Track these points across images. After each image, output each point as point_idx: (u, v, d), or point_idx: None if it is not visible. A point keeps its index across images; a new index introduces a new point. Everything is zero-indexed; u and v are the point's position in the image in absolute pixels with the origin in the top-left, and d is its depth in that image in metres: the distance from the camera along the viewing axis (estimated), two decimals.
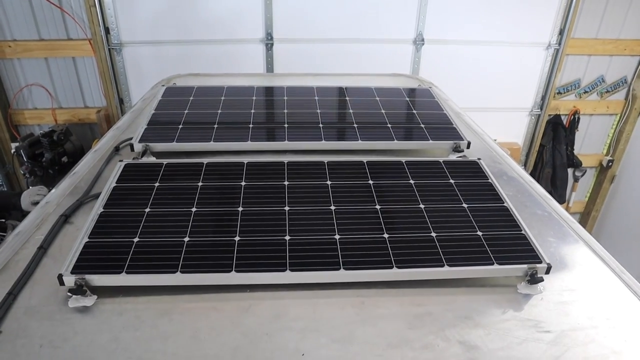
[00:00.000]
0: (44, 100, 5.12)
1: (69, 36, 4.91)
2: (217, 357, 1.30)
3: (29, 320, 1.41)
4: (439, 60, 5.13)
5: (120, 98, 4.99)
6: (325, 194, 1.85)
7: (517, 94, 5.56)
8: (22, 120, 5.12)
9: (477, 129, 2.74)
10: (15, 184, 5.16)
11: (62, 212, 1.83)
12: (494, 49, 5.22)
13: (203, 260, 1.52)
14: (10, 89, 5.06)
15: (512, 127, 5.73)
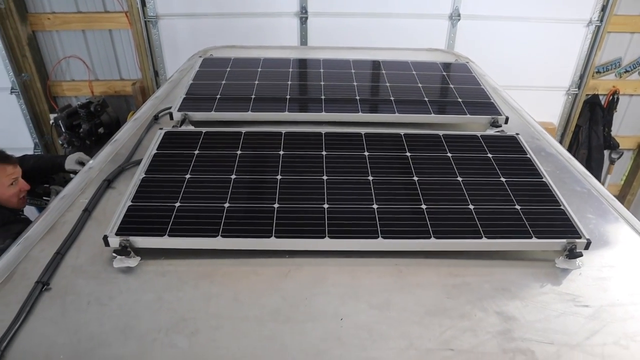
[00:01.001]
0: (81, 72, 5.20)
1: (106, 9, 4.96)
2: (258, 319, 1.33)
3: (76, 278, 1.46)
4: (475, 36, 5.03)
5: (156, 70, 5.04)
6: (363, 164, 1.85)
7: (554, 73, 5.42)
8: (60, 92, 5.22)
9: (515, 105, 2.69)
10: (53, 154, 5.27)
11: (104, 177, 1.87)
12: (532, 25, 5.09)
13: (243, 225, 1.54)
14: (49, 61, 5.15)
15: (548, 106, 5.60)
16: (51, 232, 1.63)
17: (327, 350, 1.25)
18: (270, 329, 1.30)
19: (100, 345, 1.26)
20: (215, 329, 1.30)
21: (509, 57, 5.16)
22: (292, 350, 1.25)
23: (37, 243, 1.59)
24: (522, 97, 3.21)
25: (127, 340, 1.27)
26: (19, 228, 2.55)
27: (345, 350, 1.25)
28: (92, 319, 1.33)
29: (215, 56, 2.91)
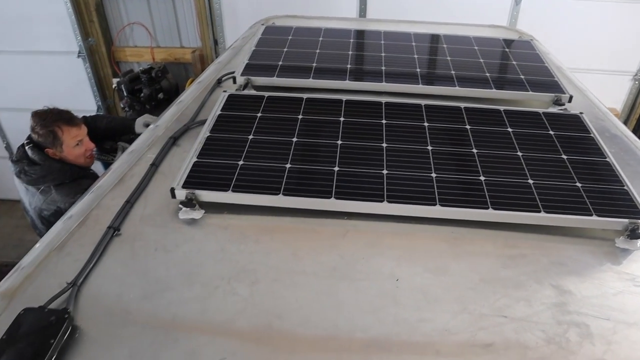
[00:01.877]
0: (143, 38, 5.33)
1: None
2: (315, 274, 1.37)
3: (144, 226, 1.53)
4: (538, 14, 4.87)
5: (215, 39, 5.12)
6: (422, 134, 1.86)
7: (620, 56, 5.20)
8: (123, 57, 5.38)
9: (579, 84, 2.62)
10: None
11: (170, 135, 1.95)
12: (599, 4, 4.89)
13: (304, 185, 1.58)
14: (114, 27, 5.30)
15: (612, 91, 5.39)
16: (121, 184, 1.72)
17: (382, 308, 1.29)
18: (327, 284, 1.34)
19: (167, 289, 1.33)
20: (275, 280, 1.35)
21: (574, 38, 4.98)
22: (348, 306, 1.29)
23: (108, 192, 1.68)
24: (584, 80, 3.12)
25: (191, 285, 1.34)
26: (88, 183, 2.68)
27: (400, 309, 1.28)
28: (159, 264, 1.40)
29: (277, 24, 2.94)
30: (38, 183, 2.64)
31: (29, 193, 2.70)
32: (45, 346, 1.17)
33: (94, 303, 1.31)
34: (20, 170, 2.63)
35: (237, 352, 1.18)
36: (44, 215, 2.67)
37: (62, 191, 2.62)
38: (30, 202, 2.71)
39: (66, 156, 2.71)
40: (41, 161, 2.63)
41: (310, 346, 1.20)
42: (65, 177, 2.66)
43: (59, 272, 1.40)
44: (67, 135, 2.70)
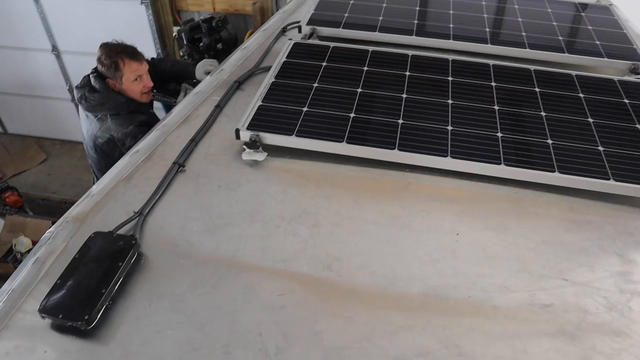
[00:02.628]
0: None
1: None
2: (376, 222, 1.38)
3: (208, 164, 1.57)
4: None
5: None
6: (489, 94, 1.81)
7: None
8: (185, 6, 5.40)
9: None
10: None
11: (235, 79, 1.96)
12: None
13: (367, 135, 1.57)
14: None
15: None
16: (186, 123, 1.75)
17: (441, 260, 1.28)
18: (387, 233, 1.35)
19: (229, 224, 1.36)
20: (335, 225, 1.36)
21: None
22: (408, 255, 1.29)
23: (173, 130, 1.72)
24: None
25: (253, 222, 1.37)
26: (142, 118, 2.75)
27: (459, 262, 1.28)
28: (222, 200, 1.43)
29: None
30: (96, 110, 2.72)
31: (87, 120, 2.79)
32: (114, 268, 1.23)
33: (158, 233, 1.36)
34: (82, 96, 2.72)
35: (295, 290, 1.21)
36: (98, 143, 2.75)
37: (117, 121, 2.70)
38: (87, 130, 2.81)
39: (124, 89, 2.78)
40: (101, 89, 2.71)
41: (368, 290, 1.21)
42: (121, 108, 2.74)
43: (126, 201, 1.45)
44: (128, 68, 2.76)
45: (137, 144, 1.66)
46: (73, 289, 1.19)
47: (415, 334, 1.12)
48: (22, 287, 1.24)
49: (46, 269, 1.29)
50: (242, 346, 1.10)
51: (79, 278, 1.21)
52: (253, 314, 1.15)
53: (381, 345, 1.10)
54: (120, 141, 2.67)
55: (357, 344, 1.10)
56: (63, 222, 1.41)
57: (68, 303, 1.16)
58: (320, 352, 1.08)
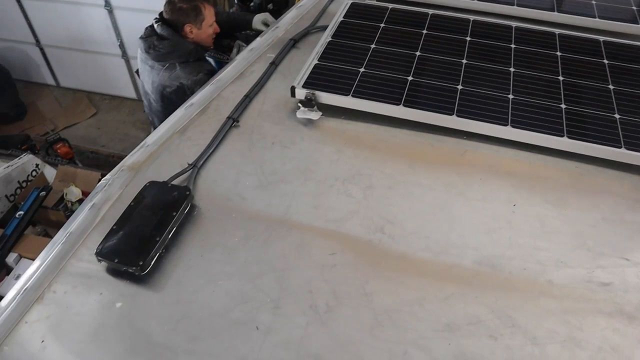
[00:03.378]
0: None
1: None
2: (430, 187, 1.35)
3: (262, 121, 1.56)
4: None
5: None
6: (554, 63, 1.73)
7: None
8: None
9: None
10: None
11: (290, 37, 1.93)
12: None
13: (425, 99, 1.53)
14: None
15: None
16: (240, 78, 1.74)
17: (496, 230, 1.25)
18: (441, 199, 1.32)
19: (282, 181, 1.36)
20: (389, 187, 1.34)
21: None
22: (462, 222, 1.26)
23: (228, 85, 1.71)
24: None
25: (306, 180, 1.36)
26: (210, 66, 2.76)
27: (515, 234, 1.24)
28: (275, 157, 1.43)
29: None
30: (165, 59, 2.73)
31: (153, 72, 2.79)
32: (168, 217, 1.24)
33: (211, 186, 1.36)
34: (150, 46, 2.72)
35: (346, 250, 1.20)
36: (166, 92, 2.77)
37: (186, 69, 2.71)
38: (153, 82, 2.82)
39: (200, 34, 2.79)
40: (170, 36, 2.72)
41: (421, 255, 1.19)
42: (190, 55, 2.75)
43: (180, 153, 1.46)
44: (209, 12, 2.77)
45: (192, 98, 1.66)
46: (128, 235, 1.21)
47: (467, 303, 1.10)
48: (79, 231, 1.27)
49: (102, 214, 1.31)
50: (292, 302, 1.10)
51: (134, 225, 1.23)
52: (304, 271, 1.15)
53: (432, 310, 1.09)
54: (189, 89, 2.68)
55: (408, 307, 1.09)
56: (118, 170, 1.42)
57: (123, 248, 1.18)
58: (370, 313, 1.08)
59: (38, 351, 1.05)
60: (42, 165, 3.45)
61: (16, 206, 3.08)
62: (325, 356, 1.01)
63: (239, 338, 1.05)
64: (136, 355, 1.03)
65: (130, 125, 5.29)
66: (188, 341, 1.05)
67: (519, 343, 1.04)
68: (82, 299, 1.13)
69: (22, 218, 2.84)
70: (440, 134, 1.50)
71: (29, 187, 3.21)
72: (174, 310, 1.11)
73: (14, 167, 3.22)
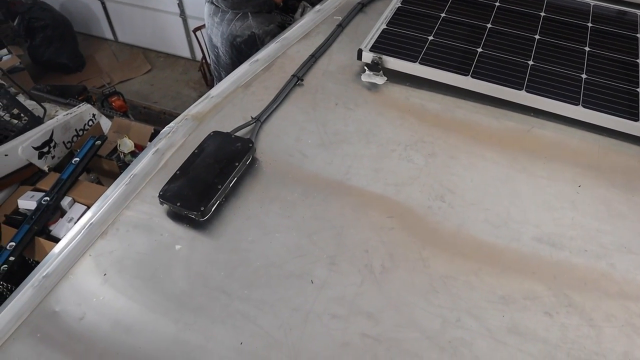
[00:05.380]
0: None
1: None
2: (494, 161, 1.33)
3: (326, 81, 1.55)
4: None
5: None
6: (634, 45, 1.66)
7: None
8: None
9: None
10: None
11: (359, 0, 1.90)
12: None
13: (494, 72, 1.50)
14: None
15: None
16: (306, 38, 1.73)
17: (559, 209, 1.22)
18: (504, 173, 1.29)
19: (344, 142, 1.36)
20: (452, 157, 1.32)
21: None
22: (524, 198, 1.24)
23: (294, 44, 1.71)
24: None
25: (368, 143, 1.35)
26: (280, 19, 2.75)
27: (578, 214, 1.21)
28: (338, 118, 1.42)
29: None
30: (240, 7, 2.72)
31: (223, 23, 2.79)
32: (230, 167, 1.26)
33: (274, 141, 1.37)
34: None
35: (405, 215, 1.19)
36: (237, 42, 2.78)
37: (259, 19, 2.71)
38: (223, 33, 2.82)
39: None
40: None
41: (479, 227, 1.18)
42: (263, 5, 2.75)
43: (243, 107, 1.47)
44: None
45: (257, 54, 1.67)
46: (191, 181, 1.23)
47: (525, 277, 1.09)
48: (143, 174, 1.30)
49: (165, 159, 1.34)
50: (348, 260, 1.10)
51: (197, 172, 1.25)
52: (361, 230, 1.16)
53: (488, 282, 1.08)
54: (260, 38, 2.69)
55: (464, 276, 1.08)
56: (182, 119, 1.45)
57: (185, 193, 1.21)
58: (426, 278, 1.07)
59: (100, 283, 1.09)
60: (98, 116, 3.54)
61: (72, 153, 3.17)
62: (377, 315, 1.02)
63: (293, 289, 1.06)
64: (193, 297, 1.06)
65: (183, 84, 5.35)
66: (243, 287, 1.07)
67: (575, 323, 1.02)
68: (144, 239, 1.17)
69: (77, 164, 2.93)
70: (507, 109, 1.47)
71: (85, 136, 3.30)
72: (231, 257, 1.13)
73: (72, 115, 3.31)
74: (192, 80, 5.33)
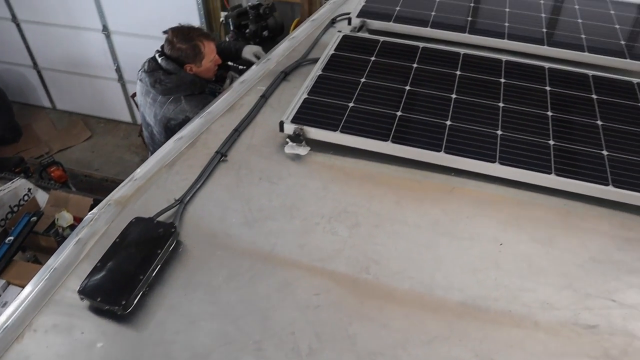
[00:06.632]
0: None
1: None
2: (417, 225, 1.34)
3: (250, 155, 1.56)
4: None
5: None
6: (543, 99, 1.74)
7: None
8: None
9: None
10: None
11: (282, 69, 1.94)
12: None
13: (413, 135, 1.54)
14: None
15: None
16: (230, 112, 1.75)
17: (482, 270, 1.24)
18: (427, 238, 1.31)
19: (269, 218, 1.35)
20: (375, 226, 1.33)
21: None
22: (447, 262, 1.26)
23: (218, 119, 1.71)
24: None
25: (292, 218, 1.35)
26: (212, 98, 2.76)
27: (501, 274, 1.24)
28: (262, 193, 1.42)
29: None
30: (172, 92, 2.73)
31: (155, 105, 2.79)
32: (153, 255, 1.23)
33: (198, 222, 1.36)
34: (156, 80, 2.72)
35: (331, 290, 1.19)
36: (171, 125, 2.77)
37: (192, 102, 2.72)
38: (156, 114, 2.81)
39: (201, 71, 2.80)
40: (176, 71, 2.73)
41: (405, 296, 1.18)
42: (195, 88, 2.76)
43: (167, 188, 1.45)
44: (208, 48, 2.79)
45: (181, 131, 1.67)
46: (112, 273, 1.20)
47: (452, 345, 1.09)
48: (64, 267, 1.26)
49: (87, 250, 1.30)
50: (275, 344, 1.08)
51: (118, 262, 1.22)
52: (287, 311, 1.14)
53: (415, 354, 1.07)
54: None
55: (391, 350, 1.08)
56: (105, 204, 1.42)
57: (106, 287, 1.17)
58: (353, 356, 1.06)
59: None
60: (34, 190, 3.45)
61: (6, 231, 3.06)
62: None
63: None
64: None
65: (125, 149, 5.29)
66: None
67: None
68: (63, 339, 1.12)
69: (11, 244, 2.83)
70: (429, 170, 1.50)
71: (20, 212, 3.20)
72: (155, 351, 1.09)
73: (5, 191, 3.21)
74: (133, 145, 5.28)
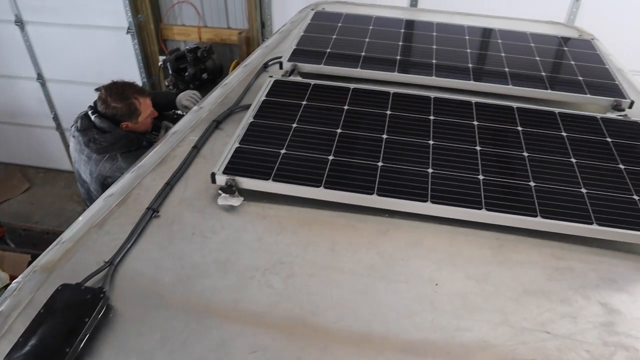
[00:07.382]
0: (191, 17, 5.33)
1: None
2: (352, 272, 1.34)
3: (183, 209, 1.53)
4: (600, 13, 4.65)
5: (263, 22, 5.08)
6: (471, 133, 1.79)
7: None
8: (171, 36, 5.40)
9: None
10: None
11: (214, 118, 1.93)
12: None
13: (346, 179, 1.54)
14: (164, 5, 5.33)
15: None
16: (162, 164, 1.72)
17: (419, 313, 1.24)
18: (364, 284, 1.31)
19: (202, 275, 1.32)
20: (311, 275, 1.32)
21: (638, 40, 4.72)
22: (384, 308, 1.25)
23: (149, 173, 1.68)
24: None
25: (226, 273, 1.32)
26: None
27: (438, 315, 1.24)
28: (195, 249, 1.39)
29: (327, 10, 2.88)
30: (107, 151, 2.67)
31: (91, 162, 2.72)
32: (80, 323, 1.17)
33: (129, 284, 1.31)
34: (90, 139, 2.65)
35: (268, 346, 1.16)
36: (108, 182, 2.69)
37: (129, 159, 2.66)
38: (92, 172, 2.74)
39: (138, 127, 2.75)
40: (110, 129, 2.67)
41: (343, 345, 1.17)
42: (132, 144, 2.71)
43: (97, 249, 1.40)
44: (144, 105, 2.75)
45: (111, 187, 1.62)
46: (35, 349, 1.13)
47: None
48: None
49: (9, 324, 1.23)
50: None
51: (43, 336, 1.16)
52: None
53: None
54: None
55: None
56: (30, 272, 1.36)
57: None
58: None
59: None
60: None
61: None
62: None
63: None
64: None
65: (67, 199, 5.13)
66: None
67: None
68: None
69: None
70: (363, 213, 1.51)
71: None
72: None
73: None
74: (75, 194, 5.12)
